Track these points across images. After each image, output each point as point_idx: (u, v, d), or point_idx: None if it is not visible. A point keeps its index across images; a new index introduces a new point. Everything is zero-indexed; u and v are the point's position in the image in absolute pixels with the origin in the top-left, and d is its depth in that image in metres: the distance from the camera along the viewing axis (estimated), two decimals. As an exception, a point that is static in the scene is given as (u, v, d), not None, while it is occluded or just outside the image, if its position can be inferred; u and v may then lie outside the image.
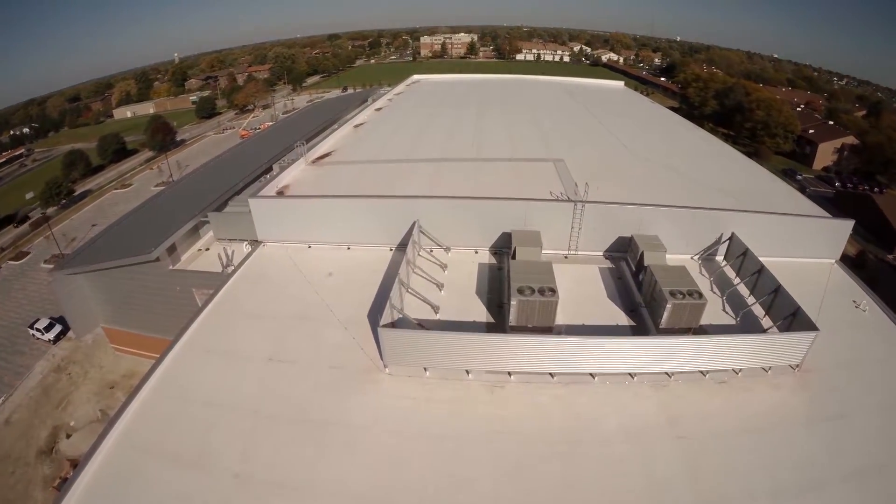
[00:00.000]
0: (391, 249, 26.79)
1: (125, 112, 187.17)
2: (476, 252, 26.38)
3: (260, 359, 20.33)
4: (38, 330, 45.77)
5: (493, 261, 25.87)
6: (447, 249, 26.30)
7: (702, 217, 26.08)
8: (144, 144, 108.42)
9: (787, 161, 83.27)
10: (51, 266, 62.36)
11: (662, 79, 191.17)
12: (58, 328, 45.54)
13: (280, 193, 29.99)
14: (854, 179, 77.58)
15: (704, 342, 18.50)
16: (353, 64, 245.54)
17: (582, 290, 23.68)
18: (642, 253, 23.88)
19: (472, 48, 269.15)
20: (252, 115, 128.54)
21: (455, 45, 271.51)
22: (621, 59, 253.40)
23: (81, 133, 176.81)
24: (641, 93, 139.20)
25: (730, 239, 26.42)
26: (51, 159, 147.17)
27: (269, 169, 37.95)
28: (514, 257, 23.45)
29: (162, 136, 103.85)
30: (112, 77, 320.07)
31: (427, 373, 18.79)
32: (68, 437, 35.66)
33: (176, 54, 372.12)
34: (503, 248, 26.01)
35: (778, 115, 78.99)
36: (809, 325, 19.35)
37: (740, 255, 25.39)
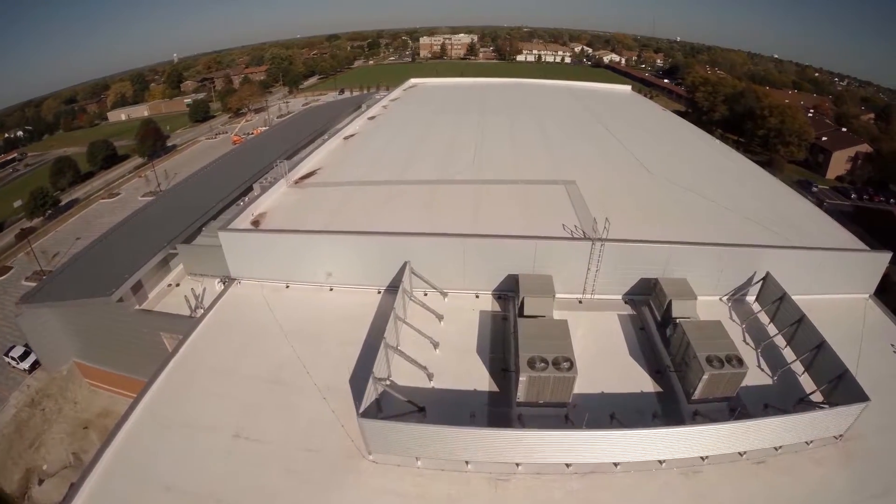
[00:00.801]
0: (379, 291, 23.81)
1: (120, 115, 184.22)
2: (477, 296, 23.29)
3: (226, 433, 17.50)
4: (12, 358, 42.79)
5: (497, 307, 22.81)
6: (444, 294, 23.22)
7: (735, 255, 23.15)
8: (135, 150, 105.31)
9: (800, 170, 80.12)
10: (32, 284, 59.75)
11: (666, 80, 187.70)
12: (33, 357, 42.46)
13: (255, 223, 26.93)
14: (869, 190, 74.46)
15: (746, 426, 15.54)
16: (351, 65, 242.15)
17: (600, 344, 20.70)
18: (670, 302, 20.92)
19: (472, 49, 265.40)
20: (245, 119, 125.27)
21: (455, 46, 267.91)
22: (623, 61, 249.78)
23: (76, 136, 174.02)
24: (646, 96, 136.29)
25: (764, 279, 23.46)
26: (43, 164, 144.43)
27: (250, 188, 34.98)
28: (521, 311, 20.43)
29: (152, 142, 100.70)
30: (110, 77, 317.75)
31: (419, 462, 15.77)
32: (40, 482, 33.16)
33: (175, 55, 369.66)
34: (508, 291, 22.94)
35: (792, 122, 75.49)
36: (859, 395, 16.63)
37: (776, 300, 22.44)
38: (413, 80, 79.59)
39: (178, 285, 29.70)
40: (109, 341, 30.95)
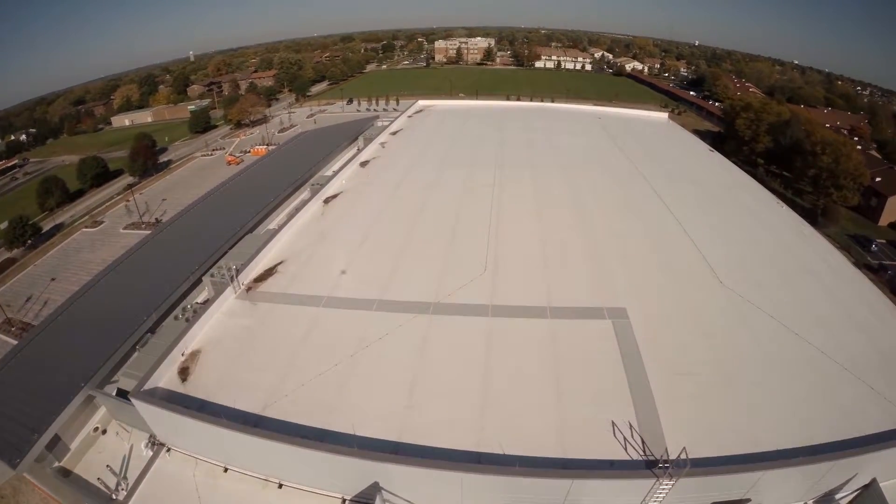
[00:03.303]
0: (344, 501, 16.64)
1: (124, 120, 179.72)
2: (479, 525, 15.92)
3: None
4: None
5: (508, 547, 15.48)
6: (431, 525, 15.89)
7: (838, 465, 15.74)
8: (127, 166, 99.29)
9: (850, 214, 70.70)
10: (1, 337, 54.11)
11: (692, 93, 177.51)
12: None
13: (184, 372, 20.06)
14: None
15: None
16: (363, 69, 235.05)
17: None
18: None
19: (488, 54, 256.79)
20: (241, 135, 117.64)
21: (471, 51, 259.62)
22: (646, 69, 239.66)
23: (78, 142, 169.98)
24: (674, 111, 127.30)
25: (867, 486, 16.37)
26: (41, 173, 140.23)
27: (199, 281, 28.05)
28: None
29: (142, 161, 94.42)
30: (125, 74, 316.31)
31: None
32: None
33: (191, 52, 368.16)
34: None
35: (847, 162, 66.22)
36: None
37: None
38: (421, 103, 72.40)
39: (104, 432, 22.78)
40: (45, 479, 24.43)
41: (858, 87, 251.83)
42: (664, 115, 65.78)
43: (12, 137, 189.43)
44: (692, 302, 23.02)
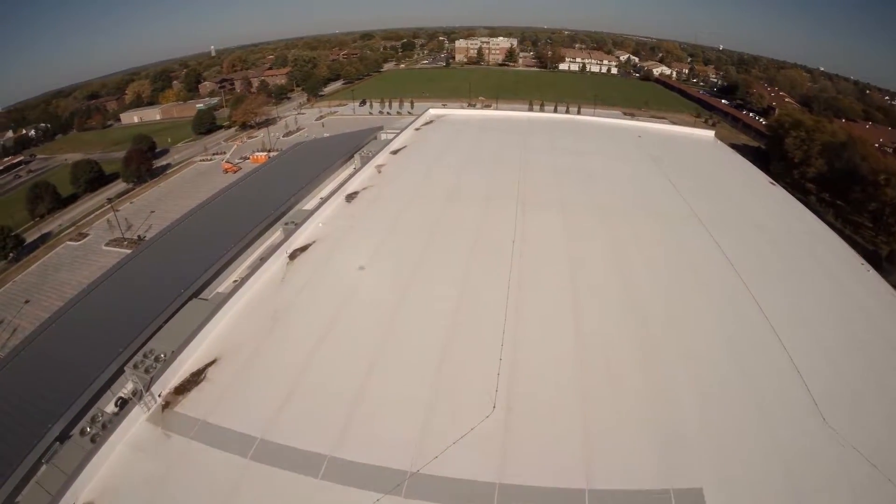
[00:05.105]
0: None
1: (132, 117, 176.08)
2: None
3: None
4: None
5: None
6: None
7: None
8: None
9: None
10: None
11: (724, 101, 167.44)
12: None
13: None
14: None
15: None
16: (380, 68, 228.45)
17: None
18: None
19: (511, 55, 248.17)
20: (240, 140, 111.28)
21: (492, 51, 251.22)
22: (674, 74, 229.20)
23: (86, 139, 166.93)
24: (707, 122, 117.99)
25: None
26: (46, 171, 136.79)
27: (122, 370, 21.13)
28: None
29: (136, 166, 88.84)
30: (144, 68, 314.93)
31: None
32: None
33: (212, 47, 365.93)
34: None
35: (911, 195, 57.19)
36: None
37: None
38: (432, 112, 64.73)
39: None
40: None
41: (887, 97, 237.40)
42: (710, 134, 57.32)
43: (23, 132, 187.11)
44: (793, 465, 14.92)
